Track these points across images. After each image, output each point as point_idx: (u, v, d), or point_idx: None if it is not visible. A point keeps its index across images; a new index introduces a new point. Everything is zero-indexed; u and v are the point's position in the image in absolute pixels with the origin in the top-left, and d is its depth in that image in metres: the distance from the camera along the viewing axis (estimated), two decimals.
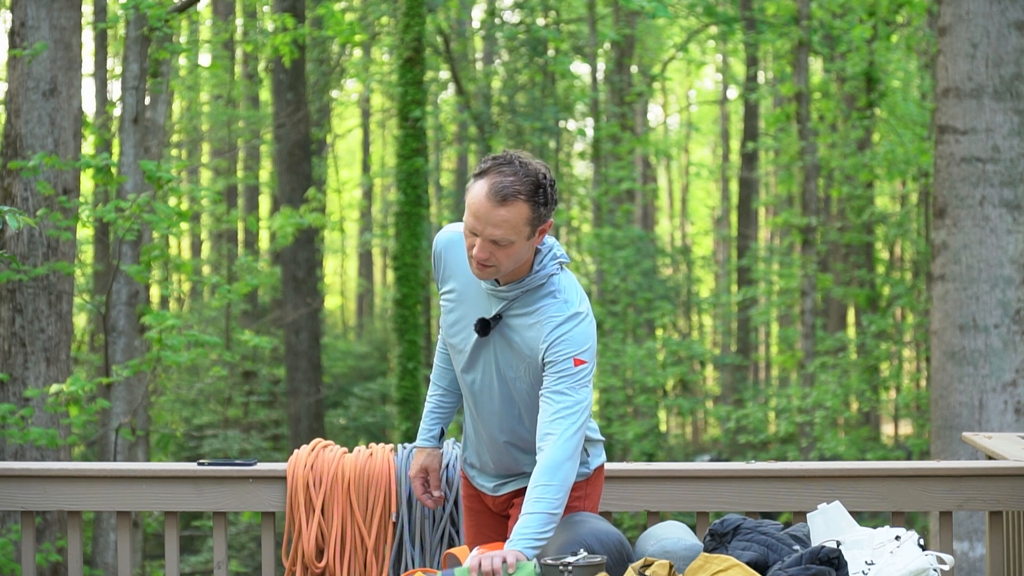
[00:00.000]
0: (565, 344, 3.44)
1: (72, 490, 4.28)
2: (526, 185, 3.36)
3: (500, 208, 3.34)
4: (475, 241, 3.39)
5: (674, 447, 23.03)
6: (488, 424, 3.65)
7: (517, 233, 3.37)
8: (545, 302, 3.49)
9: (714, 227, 29.88)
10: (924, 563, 3.19)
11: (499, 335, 3.54)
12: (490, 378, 3.58)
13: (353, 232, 27.05)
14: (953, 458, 7.50)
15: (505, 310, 3.51)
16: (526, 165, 3.38)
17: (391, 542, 4.12)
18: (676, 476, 4.22)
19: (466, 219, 3.41)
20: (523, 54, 17.97)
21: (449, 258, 3.62)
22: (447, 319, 3.64)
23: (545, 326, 3.46)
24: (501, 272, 3.43)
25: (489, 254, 3.38)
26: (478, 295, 3.56)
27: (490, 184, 3.36)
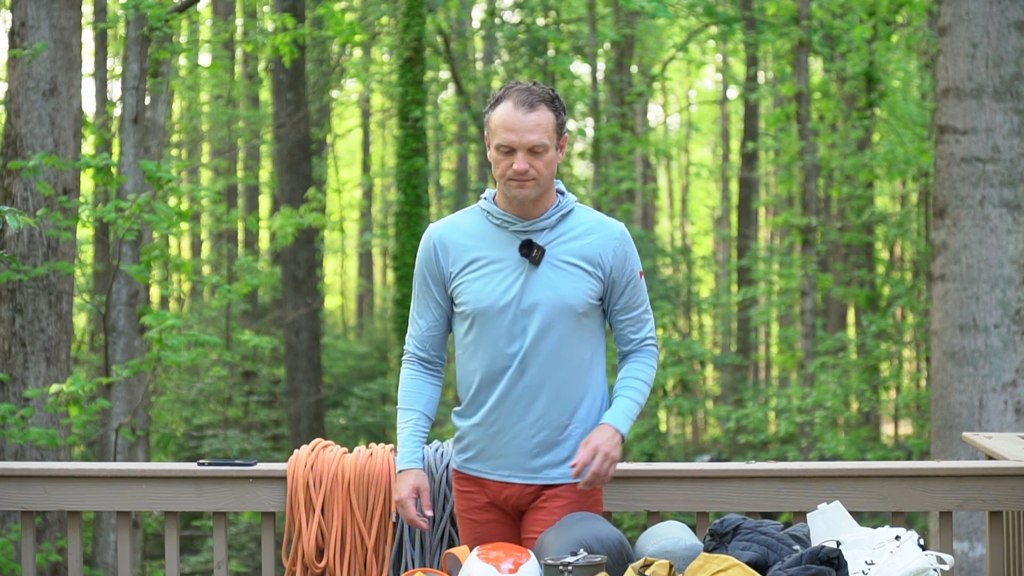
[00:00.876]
0: (629, 260, 3.75)
1: (72, 490, 4.28)
2: (544, 95, 3.62)
3: (531, 113, 3.58)
4: (511, 159, 3.59)
5: (674, 447, 23.02)
6: (539, 381, 3.66)
7: (549, 137, 3.60)
8: (590, 219, 3.73)
9: (714, 227, 29.88)
10: (924, 563, 3.19)
11: (550, 266, 3.66)
12: (548, 318, 3.64)
13: (353, 232, 27.04)
14: (953, 458, 7.50)
15: (548, 239, 3.66)
16: (535, 83, 3.67)
17: (391, 542, 4.12)
18: (676, 476, 4.22)
19: (499, 139, 3.60)
20: (523, 54, 17.96)
21: (453, 240, 3.73)
22: (473, 288, 3.68)
23: (606, 244, 3.70)
24: (539, 185, 3.61)
25: (528, 165, 3.58)
26: (505, 248, 3.67)
27: (514, 99, 3.60)
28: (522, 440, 3.69)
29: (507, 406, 3.69)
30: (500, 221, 3.69)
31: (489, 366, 3.69)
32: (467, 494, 3.80)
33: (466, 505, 3.80)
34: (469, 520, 3.81)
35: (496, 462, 3.73)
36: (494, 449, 3.73)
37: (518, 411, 3.68)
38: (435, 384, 3.84)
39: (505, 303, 3.65)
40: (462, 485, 3.82)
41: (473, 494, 3.78)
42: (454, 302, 3.75)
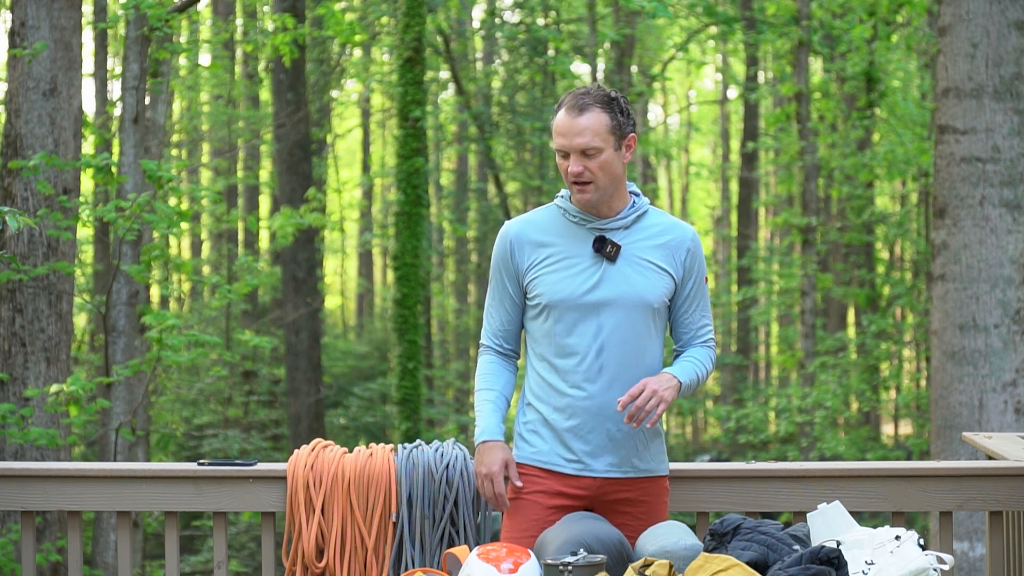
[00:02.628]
0: (699, 265, 3.84)
1: (72, 490, 4.28)
2: (599, 97, 3.67)
3: (579, 117, 3.64)
4: (568, 162, 3.66)
5: (674, 447, 23.03)
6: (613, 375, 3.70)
7: (602, 140, 3.64)
8: (664, 220, 3.80)
9: (714, 227, 29.89)
10: (924, 563, 3.19)
11: (627, 263, 3.71)
12: (624, 313, 3.69)
13: (353, 232, 27.05)
14: (953, 458, 7.50)
15: (624, 238, 3.73)
16: (597, 86, 3.73)
17: (391, 542, 4.12)
18: (677, 476, 4.21)
19: (555, 145, 3.69)
20: (523, 54, 17.97)
21: (528, 236, 3.78)
22: (548, 280, 3.72)
23: (679, 246, 3.78)
24: (599, 189, 3.67)
25: (583, 167, 3.64)
26: (581, 244, 3.73)
27: (568, 103, 3.68)
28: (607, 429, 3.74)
29: (584, 401, 3.72)
30: (577, 219, 3.75)
31: (565, 359, 3.73)
32: (536, 478, 3.79)
33: (531, 487, 3.79)
34: (528, 501, 3.78)
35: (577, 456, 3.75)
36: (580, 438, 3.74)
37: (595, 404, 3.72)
38: (512, 371, 3.90)
39: (580, 295, 3.70)
40: (530, 471, 3.81)
41: (544, 479, 3.78)
42: (528, 296, 3.79)
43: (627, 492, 3.78)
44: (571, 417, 3.74)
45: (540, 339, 3.79)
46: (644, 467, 3.79)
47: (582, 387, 3.73)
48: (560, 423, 3.75)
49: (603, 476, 3.75)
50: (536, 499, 3.78)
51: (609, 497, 3.77)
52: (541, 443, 3.79)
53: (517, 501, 3.81)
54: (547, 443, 3.78)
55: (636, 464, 3.78)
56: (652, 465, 3.81)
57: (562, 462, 3.76)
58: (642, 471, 3.79)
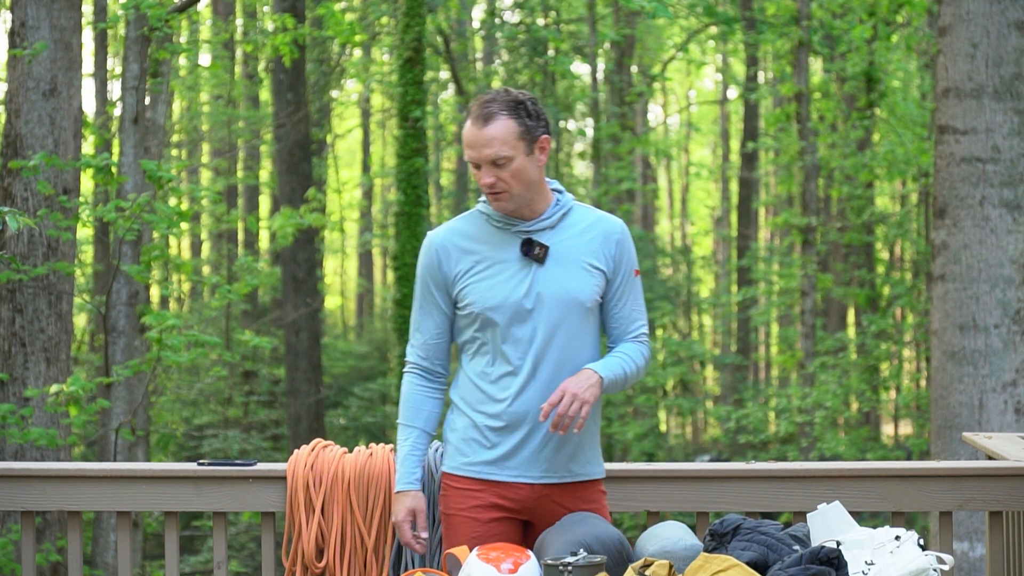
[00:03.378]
0: (629, 257, 3.76)
1: (72, 490, 4.28)
2: (505, 103, 3.58)
3: (486, 127, 3.55)
4: (480, 173, 3.59)
5: (674, 447, 23.03)
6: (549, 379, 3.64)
7: (511, 147, 3.55)
8: (590, 216, 3.73)
9: (714, 227, 29.88)
10: (924, 563, 3.19)
11: (556, 263, 3.65)
12: (558, 315, 3.63)
13: (353, 232, 27.04)
14: (953, 458, 7.50)
15: (551, 238, 3.66)
16: (504, 91, 3.62)
17: (391, 542, 4.12)
18: (676, 476, 4.22)
19: (466, 157, 3.60)
20: (523, 54, 17.97)
21: (454, 244, 3.71)
22: (479, 288, 3.65)
23: (606, 240, 3.71)
24: (515, 197, 3.60)
25: (495, 178, 3.56)
26: (508, 249, 3.66)
27: (472, 114, 3.60)
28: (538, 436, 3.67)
29: (519, 407, 3.66)
30: (501, 223, 3.67)
31: (499, 367, 3.67)
32: (470, 492, 3.73)
33: (466, 503, 3.74)
34: (466, 518, 3.74)
35: (511, 465, 3.69)
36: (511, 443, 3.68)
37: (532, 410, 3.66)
38: (437, 398, 3.79)
39: (513, 302, 3.63)
40: (462, 484, 3.74)
41: (479, 492, 3.72)
42: (458, 305, 3.71)
43: (565, 499, 3.70)
44: (506, 424, 3.66)
45: (472, 347, 3.71)
46: (580, 471, 3.73)
47: (517, 394, 3.65)
48: (494, 430, 3.68)
49: (540, 482, 3.68)
50: (472, 515, 3.71)
51: (546, 506, 3.69)
52: (474, 452, 3.71)
53: (454, 518, 3.74)
54: (480, 452, 3.70)
55: (572, 468, 3.71)
56: (588, 469, 3.75)
57: (496, 471, 3.68)
58: (578, 475, 3.72)
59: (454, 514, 3.75)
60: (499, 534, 3.69)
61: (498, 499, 3.70)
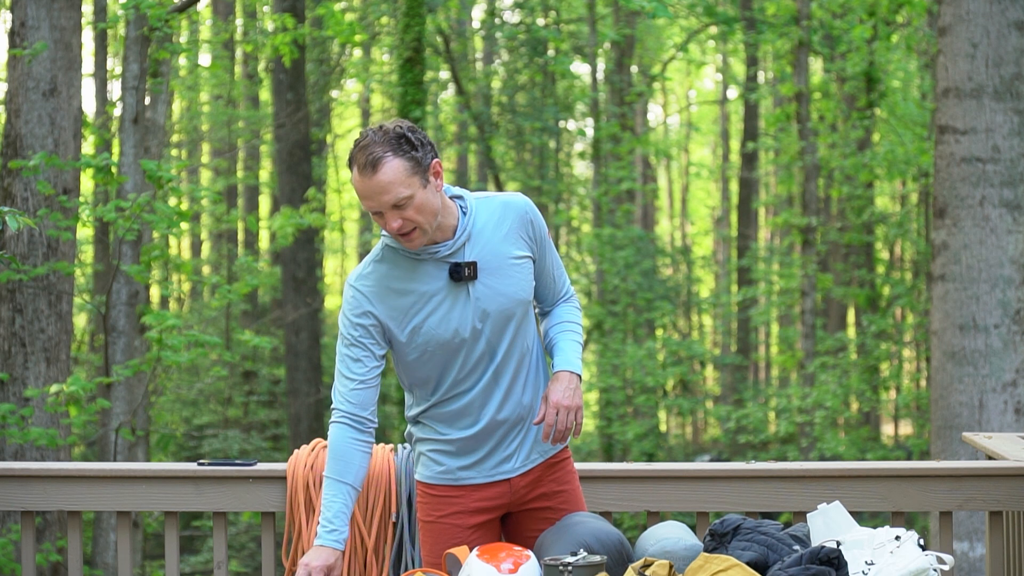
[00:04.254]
0: (541, 228, 3.67)
1: (72, 490, 4.28)
2: (385, 144, 3.42)
3: (376, 176, 3.39)
4: (383, 219, 3.45)
5: (674, 447, 23.03)
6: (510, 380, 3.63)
7: (407, 186, 3.41)
8: (493, 206, 3.63)
9: (714, 227, 29.88)
10: (924, 563, 3.19)
11: (488, 274, 3.57)
12: (507, 322, 3.59)
13: (353, 232, 27.03)
14: (953, 458, 7.50)
15: (473, 249, 3.57)
16: (379, 129, 3.46)
17: (391, 542, 4.12)
18: (676, 476, 4.22)
19: (365, 207, 3.47)
20: (523, 54, 17.97)
21: (381, 285, 3.58)
22: (426, 326, 3.55)
23: (520, 222, 3.62)
24: (425, 231, 3.47)
25: (401, 221, 3.43)
26: (436, 278, 3.56)
27: (357, 163, 3.42)
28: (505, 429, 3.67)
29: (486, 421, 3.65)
30: (421, 254, 3.55)
31: (460, 387, 3.62)
32: (448, 499, 3.70)
33: (446, 510, 3.70)
34: (446, 526, 3.70)
35: (484, 466, 3.67)
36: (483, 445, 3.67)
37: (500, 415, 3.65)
38: (365, 452, 3.59)
39: (464, 328, 3.56)
40: (440, 491, 3.71)
41: (457, 498, 3.69)
42: (401, 348, 3.60)
43: (541, 486, 3.69)
44: (475, 435, 3.64)
45: (430, 378, 3.63)
46: (548, 449, 3.71)
47: (482, 408, 3.62)
48: (465, 443, 3.65)
49: (517, 475, 3.67)
50: (454, 521, 3.68)
51: (527, 499, 3.69)
52: (448, 460, 3.67)
53: (435, 525, 3.71)
54: (454, 459, 3.67)
55: (541, 450, 3.70)
56: (553, 447, 3.73)
57: (475, 474, 3.67)
58: (547, 452, 3.71)
59: (434, 521, 3.71)
60: (479, 538, 3.68)
61: (479, 502, 3.68)
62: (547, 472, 3.73)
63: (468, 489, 3.68)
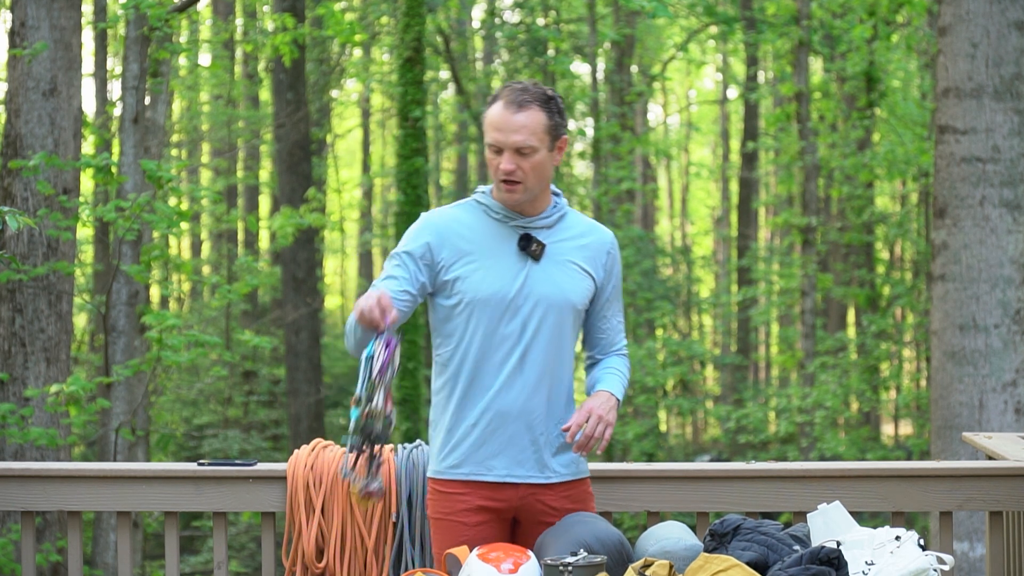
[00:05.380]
0: (617, 269, 3.80)
1: (72, 490, 4.28)
2: (538, 95, 3.58)
3: (518, 114, 3.55)
4: (499, 159, 3.57)
5: (674, 447, 23.03)
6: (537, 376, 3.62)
7: (538, 139, 3.56)
8: (584, 223, 3.76)
9: (714, 227, 29.88)
10: (924, 563, 3.19)
11: (551, 263, 3.65)
12: (549, 313, 3.62)
13: (353, 232, 27.04)
14: (953, 458, 7.50)
15: (548, 237, 3.66)
16: (535, 83, 3.64)
17: (391, 542, 4.12)
18: (676, 476, 4.22)
19: (488, 137, 3.58)
20: (523, 54, 17.97)
21: (452, 230, 3.66)
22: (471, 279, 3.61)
23: (599, 249, 3.73)
24: (528, 189, 3.59)
25: (515, 166, 3.55)
26: (504, 242, 3.64)
27: (505, 98, 3.57)
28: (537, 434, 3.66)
29: (505, 404, 3.64)
30: (500, 216, 3.66)
31: (486, 361, 3.64)
32: (456, 496, 3.70)
33: (452, 507, 3.70)
34: (453, 523, 3.70)
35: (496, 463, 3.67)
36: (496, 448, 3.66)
37: (517, 407, 3.64)
38: None
39: (504, 295, 3.60)
40: (449, 488, 3.71)
41: (464, 495, 3.69)
42: (447, 294, 3.65)
43: (551, 499, 3.68)
44: (491, 422, 3.63)
45: (459, 340, 3.64)
46: (567, 471, 3.70)
47: (502, 389, 3.62)
48: (480, 429, 3.64)
49: (525, 482, 3.66)
50: (459, 518, 3.68)
51: (534, 507, 3.67)
52: (460, 454, 3.67)
53: (441, 522, 3.72)
54: (466, 453, 3.66)
55: (558, 469, 3.69)
56: (573, 468, 3.72)
57: (484, 471, 3.65)
58: (564, 475, 3.70)
59: (441, 518, 3.72)
60: (486, 537, 3.66)
61: (484, 501, 3.67)
62: (560, 490, 3.71)
63: (475, 487, 3.67)
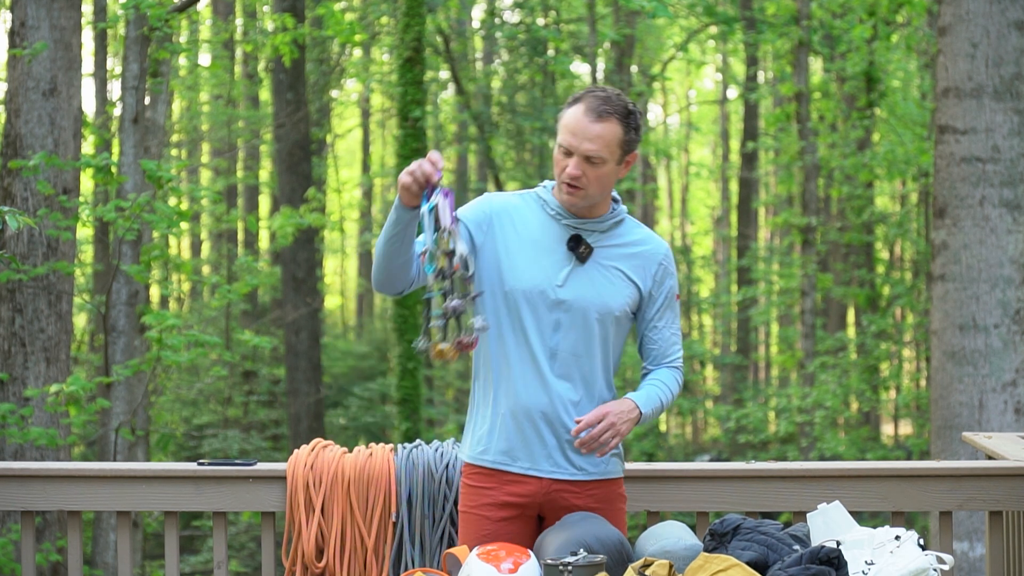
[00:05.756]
0: (671, 279, 3.75)
1: (72, 490, 4.28)
2: (619, 108, 3.59)
3: (596, 123, 3.56)
4: (567, 161, 3.58)
5: (674, 447, 23.03)
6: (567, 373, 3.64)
7: (609, 152, 3.57)
8: (639, 232, 3.74)
9: (714, 227, 29.89)
10: (924, 563, 3.19)
11: (595, 267, 3.66)
12: (585, 315, 3.63)
13: (353, 232, 27.04)
14: (953, 458, 7.50)
15: (598, 242, 3.67)
16: (618, 94, 3.63)
17: (391, 542, 4.12)
18: (676, 476, 4.22)
19: (561, 138, 3.60)
20: (523, 54, 17.96)
21: (509, 214, 3.69)
22: (515, 266, 3.62)
23: (650, 258, 3.71)
24: (588, 197, 3.61)
25: (581, 172, 3.56)
26: (555, 239, 3.65)
27: (586, 104, 3.58)
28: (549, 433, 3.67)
29: (533, 398, 3.65)
30: (555, 212, 3.68)
31: (517, 352, 3.65)
32: (482, 490, 3.73)
33: (478, 500, 3.74)
34: (477, 516, 3.73)
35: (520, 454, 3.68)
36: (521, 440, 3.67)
37: (544, 403, 3.65)
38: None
39: (544, 289, 3.62)
40: (475, 480, 3.74)
41: (489, 490, 3.72)
42: (487, 260, 3.66)
43: (576, 498, 3.68)
44: (517, 415, 3.65)
45: (495, 326, 3.65)
46: (595, 470, 3.69)
47: (531, 384, 3.63)
48: (507, 420, 3.66)
49: (549, 477, 3.66)
50: (483, 512, 3.70)
51: (558, 503, 3.67)
52: (488, 441, 3.69)
53: (467, 515, 3.74)
54: (494, 440, 3.68)
55: (586, 467, 3.69)
56: (604, 468, 3.71)
57: (508, 460, 3.67)
58: (592, 474, 3.69)
59: (466, 511, 3.75)
60: (510, 532, 3.67)
61: (508, 496, 3.68)
62: (588, 488, 3.70)
63: (500, 480, 3.68)
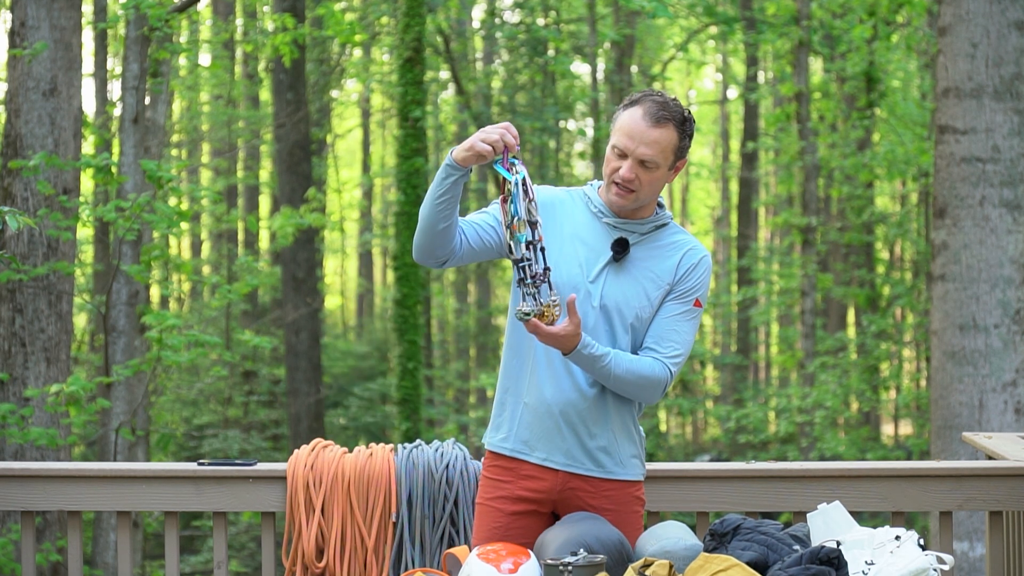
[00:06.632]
0: (695, 280, 3.71)
1: (72, 490, 4.28)
2: (676, 115, 3.62)
3: (654, 129, 3.58)
4: (622, 164, 3.60)
5: (674, 447, 23.03)
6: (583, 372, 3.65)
7: (664, 157, 3.60)
8: (678, 236, 3.74)
9: (714, 227, 29.89)
10: (924, 563, 3.19)
11: (629, 270, 3.67)
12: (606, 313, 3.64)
13: (353, 232, 27.04)
14: (953, 458, 7.50)
15: (637, 244, 3.68)
16: (674, 99, 3.66)
17: (391, 542, 4.12)
18: (676, 476, 4.22)
19: (616, 139, 3.61)
20: (523, 54, 17.96)
21: (557, 208, 3.72)
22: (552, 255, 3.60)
23: (682, 257, 3.70)
24: (637, 199, 3.63)
25: (635, 176, 3.59)
26: (597, 237, 3.68)
27: (645, 108, 3.59)
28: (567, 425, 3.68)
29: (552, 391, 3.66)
30: (597, 210, 3.71)
31: (540, 343, 3.64)
32: (498, 482, 3.75)
33: (493, 493, 3.75)
34: (491, 508, 3.75)
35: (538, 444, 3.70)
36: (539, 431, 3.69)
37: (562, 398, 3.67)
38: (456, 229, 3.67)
39: (576, 284, 3.63)
40: (494, 472, 3.76)
41: (506, 483, 3.74)
42: None
43: (589, 496, 3.69)
44: (537, 407, 3.67)
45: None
46: (611, 468, 3.71)
47: (551, 378, 3.65)
48: (527, 410, 3.69)
49: (565, 470, 3.67)
50: (497, 505, 3.72)
51: (572, 501, 3.69)
52: (508, 429, 3.72)
53: (482, 507, 3.77)
54: (514, 429, 3.70)
55: (603, 464, 3.69)
56: (618, 469, 3.72)
57: (527, 450, 3.69)
58: (608, 472, 3.70)
59: (481, 503, 3.78)
60: (522, 527, 3.69)
61: (523, 491, 3.70)
62: (603, 488, 3.71)
63: (517, 472, 3.70)
